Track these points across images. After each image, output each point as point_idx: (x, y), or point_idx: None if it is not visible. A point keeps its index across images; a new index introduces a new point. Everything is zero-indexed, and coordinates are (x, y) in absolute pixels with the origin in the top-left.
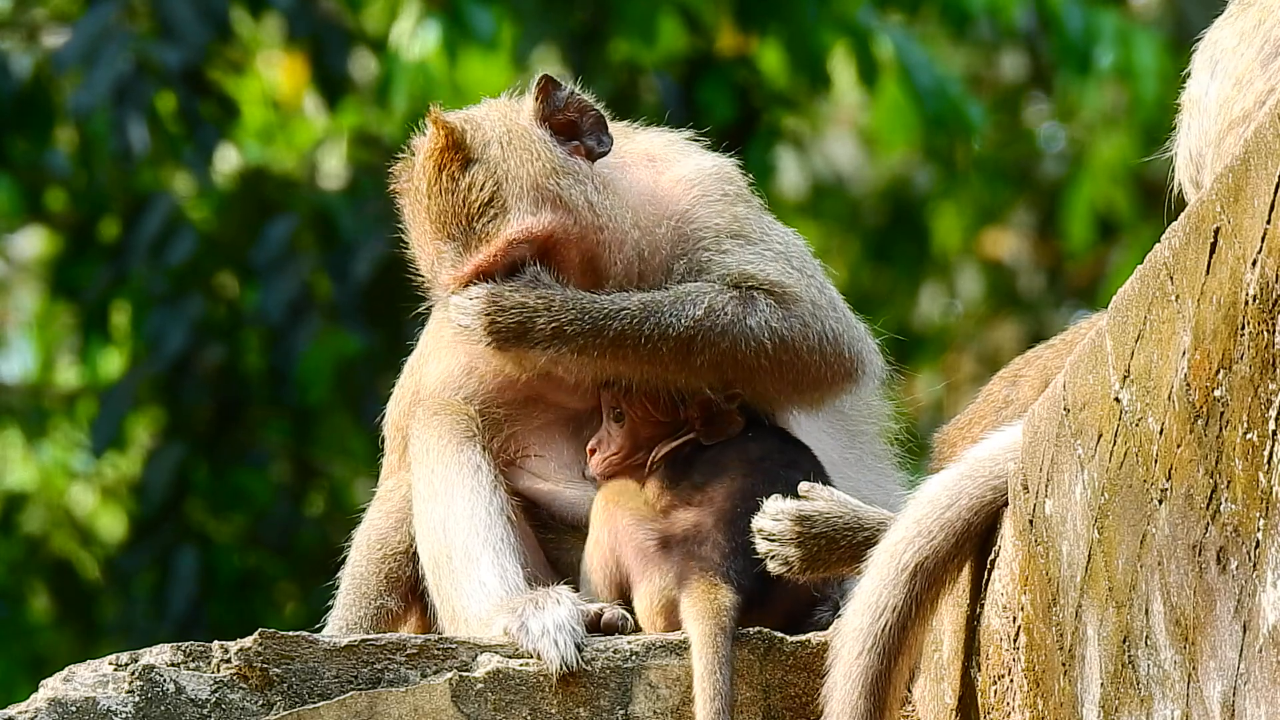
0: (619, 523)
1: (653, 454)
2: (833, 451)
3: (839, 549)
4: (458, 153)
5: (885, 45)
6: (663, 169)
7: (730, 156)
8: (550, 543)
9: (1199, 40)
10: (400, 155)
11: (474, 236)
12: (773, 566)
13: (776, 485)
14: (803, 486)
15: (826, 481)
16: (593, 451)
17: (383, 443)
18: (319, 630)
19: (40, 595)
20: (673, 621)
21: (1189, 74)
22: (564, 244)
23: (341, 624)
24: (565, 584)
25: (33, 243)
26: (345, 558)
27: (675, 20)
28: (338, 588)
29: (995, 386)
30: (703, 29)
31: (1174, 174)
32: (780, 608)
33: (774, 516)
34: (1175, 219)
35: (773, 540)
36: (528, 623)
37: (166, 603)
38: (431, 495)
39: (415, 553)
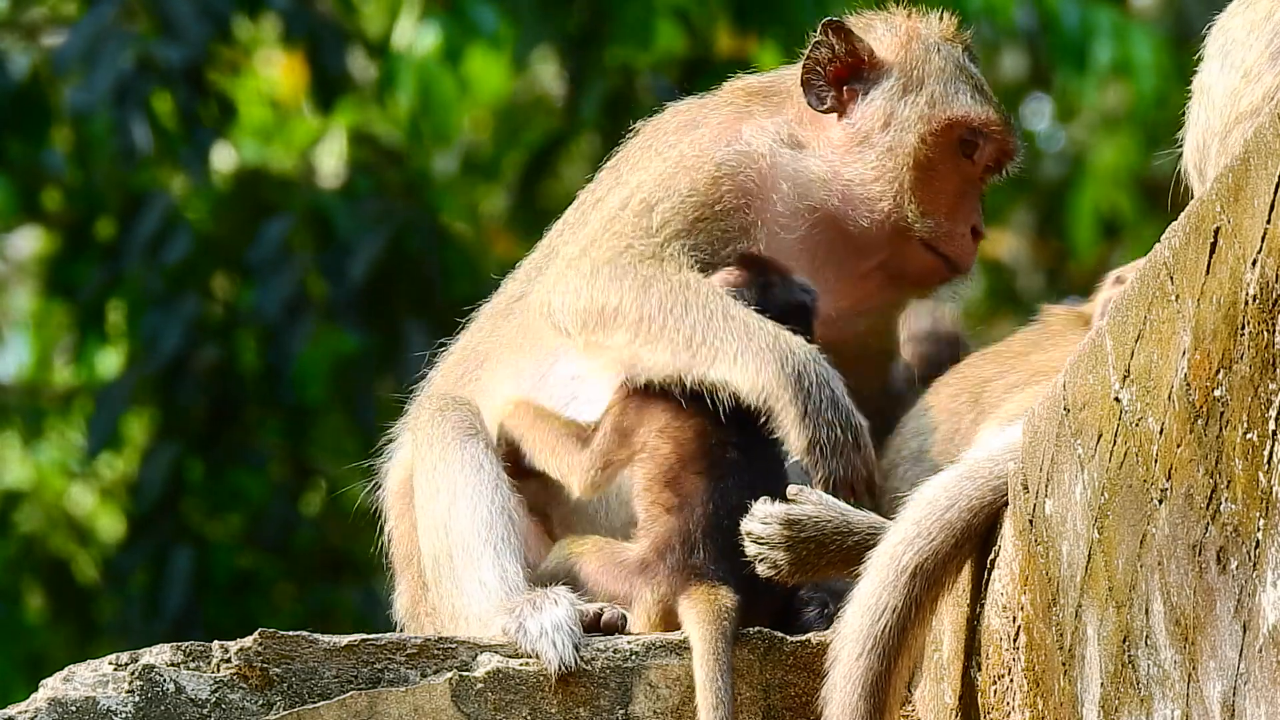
0: (586, 567)
1: None
2: None
3: (828, 552)
4: None
5: None
6: None
7: None
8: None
9: (1198, 37)
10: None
11: None
12: (761, 570)
13: (753, 486)
14: (791, 490)
15: (784, 478)
16: None
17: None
18: (385, 617)
19: (36, 595)
20: (672, 626)
21: (1200, 59)
22: None
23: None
24: (564, 584)
25: (29, 242)
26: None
27: (672, 23)
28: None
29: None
30: (699, 32)
31: (1181, 161)
32: (766, 608)
33: (763, 520)
34: (1179, 209)
35: (761, 544)
36: (525, 623)
37: (162, 602)
38: (434, 492)
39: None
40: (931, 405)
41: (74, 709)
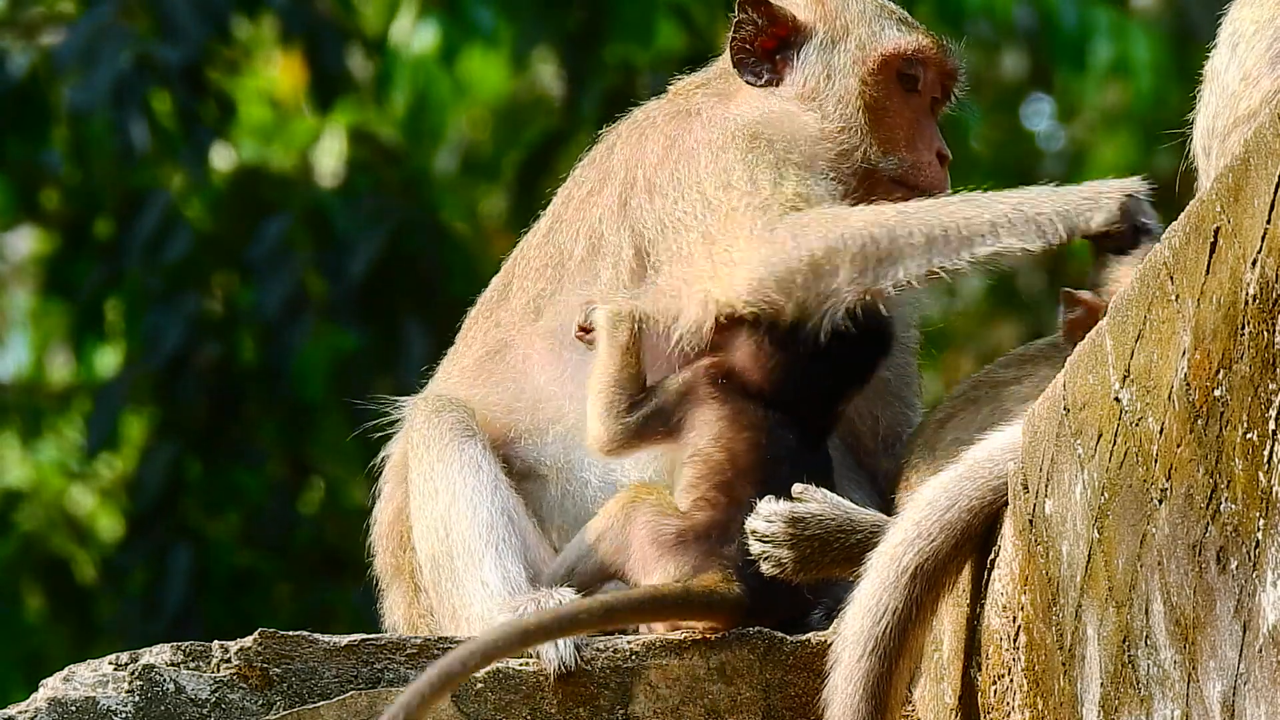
0: (639, 515)
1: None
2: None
3: (832, 551)
4: None
5: None
6: None
7: None
8: None
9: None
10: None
11: None
12: (766, 568)
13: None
14: (797, 488)
15: (831, 488)
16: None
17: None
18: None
19: (35, 594)
20: None
21: (1215, 45)
22: None
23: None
24: (568, 586)
25: (27, 241)
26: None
27: (671, 20)
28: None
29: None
30: (699, 29)
31: (1190, 144)
32: (778, 615)
33: (767, 518)
34: (1185, 190)
35: (766, 541)
36: None
37: (161, 601)
38: (432, 492)
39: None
40: (955, 394)
41: (74, 709)
